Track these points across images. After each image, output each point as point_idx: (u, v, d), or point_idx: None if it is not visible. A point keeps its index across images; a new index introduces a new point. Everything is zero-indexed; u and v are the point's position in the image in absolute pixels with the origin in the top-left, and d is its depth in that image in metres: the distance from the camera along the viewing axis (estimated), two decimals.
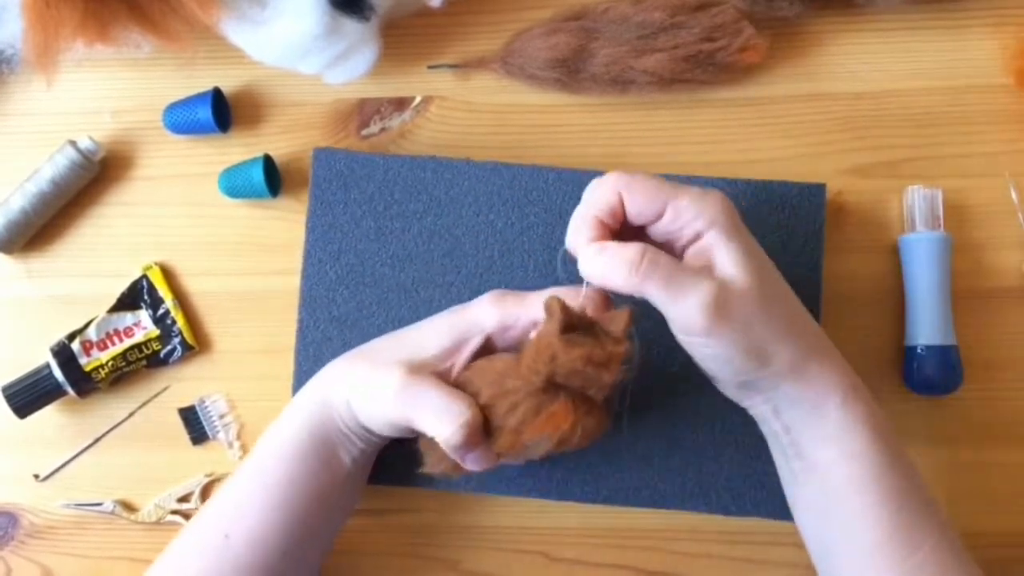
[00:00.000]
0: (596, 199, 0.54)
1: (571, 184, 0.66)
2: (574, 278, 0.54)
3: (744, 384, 0.55)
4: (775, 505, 0.63)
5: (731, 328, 0.51)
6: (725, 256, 0.52)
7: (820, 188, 0.66)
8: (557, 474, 0.65)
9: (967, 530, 0.66)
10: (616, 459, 0.64)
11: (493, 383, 0.54)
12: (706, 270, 0.52)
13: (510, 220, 0.66)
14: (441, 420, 0.54)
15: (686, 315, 0.51)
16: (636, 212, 0.53)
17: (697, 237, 0.53)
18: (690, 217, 0.52)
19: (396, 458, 0.64)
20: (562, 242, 0.66)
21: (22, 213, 0.67)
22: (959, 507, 0.66)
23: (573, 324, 0.52)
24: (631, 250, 0.51)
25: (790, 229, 0.65)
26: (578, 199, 0.65)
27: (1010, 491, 0.66)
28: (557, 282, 0.65)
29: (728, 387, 0.56)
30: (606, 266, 0.51)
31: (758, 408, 0.56)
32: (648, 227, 0.54)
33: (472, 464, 0.56)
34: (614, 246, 0.52)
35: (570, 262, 0.54)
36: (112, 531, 0.68)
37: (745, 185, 0.66)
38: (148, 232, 0.70)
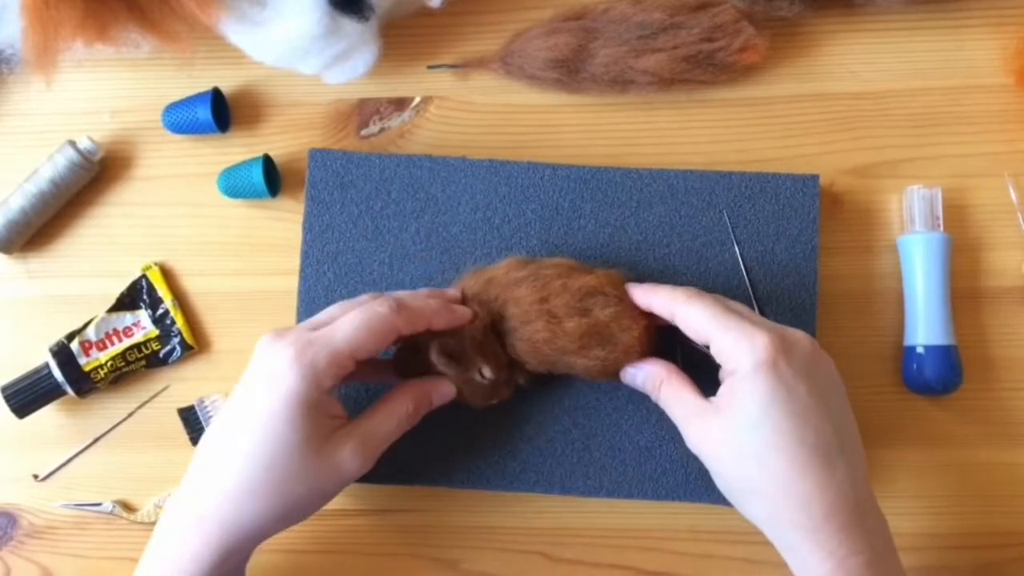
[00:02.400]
0: (656, 303, 0.59)
1: (567, 180, 0.66)
2: None
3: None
4: None
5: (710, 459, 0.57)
6: (738, 401, 0.55)
7: (813, 179, 0.66)
8: (559, 469, 0.65)
9: (967, 530, 0.66)
10: (618, 452, 0.64)
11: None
12: (717, 403, 0.56)
13: (507, 217, 0.66)
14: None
15: (683, 433, 0.58)
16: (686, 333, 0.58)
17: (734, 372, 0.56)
18: (724, 358, 0.56)
19: (395, 458, 0.64)
20: (558, 239, 0.67)
21: (21, 213, 0.67)
22: (959, 507, 0.66)
23: None
24: (658, 367, 0.60)
25: (785, 220, 0.66)
26: (574, 194, 0.66)
27: (1010, 491, 0.66)
28: None
29: None
30: (638, 374, 0.60)
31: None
32: None
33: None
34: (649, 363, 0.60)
35: None
36: (111, 531, 0.68)
37: (739, 177, 0.66)
38: (147, 232, 0.70)
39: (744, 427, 0.54)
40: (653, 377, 0.59)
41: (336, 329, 0.56)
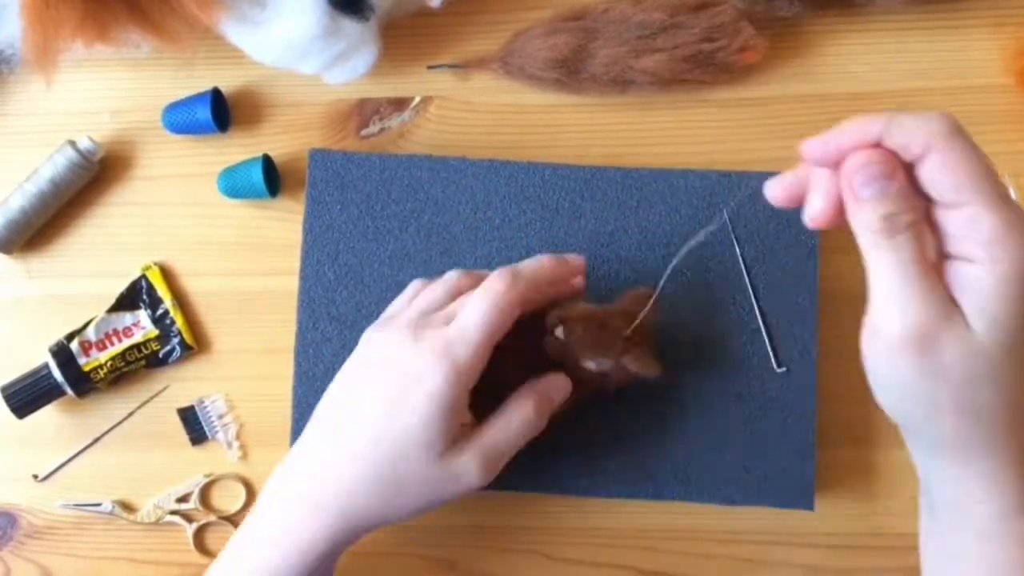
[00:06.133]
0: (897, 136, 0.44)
1: (567, 180, 0.66)
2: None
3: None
4: (778, 494, 0.64)
5: (911, 371, 0.44)
6: (997, 311, 0.41)
7: None
8: (558, 469, 0.65)
9: None
10: (618, 453, 0.64)
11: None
12: (949, 297, 0.43)
13: (507, 217, 0.66)
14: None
15: (878, 321, 0.45)
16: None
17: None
18: (981, 238, 0.41)
19: None
20: (558, 239, 0.67)
21: (21, 213, 0.67)
22: None
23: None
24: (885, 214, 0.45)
25: (785, 220, 0.65)
26: (574, 194, 0.66)
27: None
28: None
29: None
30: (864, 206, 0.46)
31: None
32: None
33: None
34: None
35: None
36: (111, 531, 0.68)
37: (739, 177, 0.66)
38: (147, 232, 0.70)
39: (995, 344, 0.42)
40: (898, 214, 0.45)
41: (466, 321, 0.53)
